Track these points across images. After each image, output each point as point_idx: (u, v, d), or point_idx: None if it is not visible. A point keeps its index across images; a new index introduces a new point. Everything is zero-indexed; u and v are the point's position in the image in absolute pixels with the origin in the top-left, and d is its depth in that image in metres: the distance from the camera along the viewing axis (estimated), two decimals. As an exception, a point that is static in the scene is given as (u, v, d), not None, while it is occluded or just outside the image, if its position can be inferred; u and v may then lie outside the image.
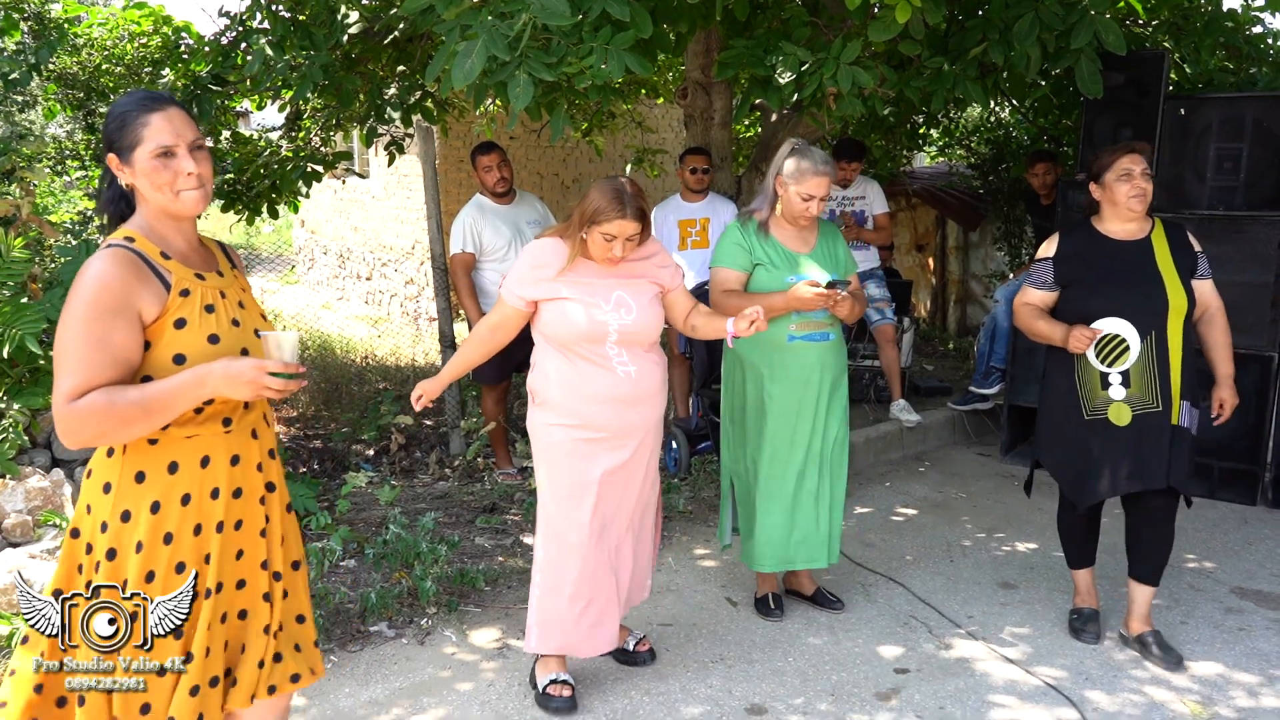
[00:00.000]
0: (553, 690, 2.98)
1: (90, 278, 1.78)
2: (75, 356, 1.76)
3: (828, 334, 3.36)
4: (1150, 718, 2.95)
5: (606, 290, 2.85)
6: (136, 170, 1.86)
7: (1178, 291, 3.12)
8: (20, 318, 3.94)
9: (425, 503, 4.72)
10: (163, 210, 1.90)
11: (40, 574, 3.27)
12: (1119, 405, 3.16)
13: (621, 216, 2.75)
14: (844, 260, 3.46)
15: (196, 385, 1.81)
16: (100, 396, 1.76)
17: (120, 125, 1.86)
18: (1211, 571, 4.02)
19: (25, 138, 6.67)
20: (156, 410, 1.79)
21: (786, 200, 3.31)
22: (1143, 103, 4.92)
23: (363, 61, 5.42)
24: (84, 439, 1.78)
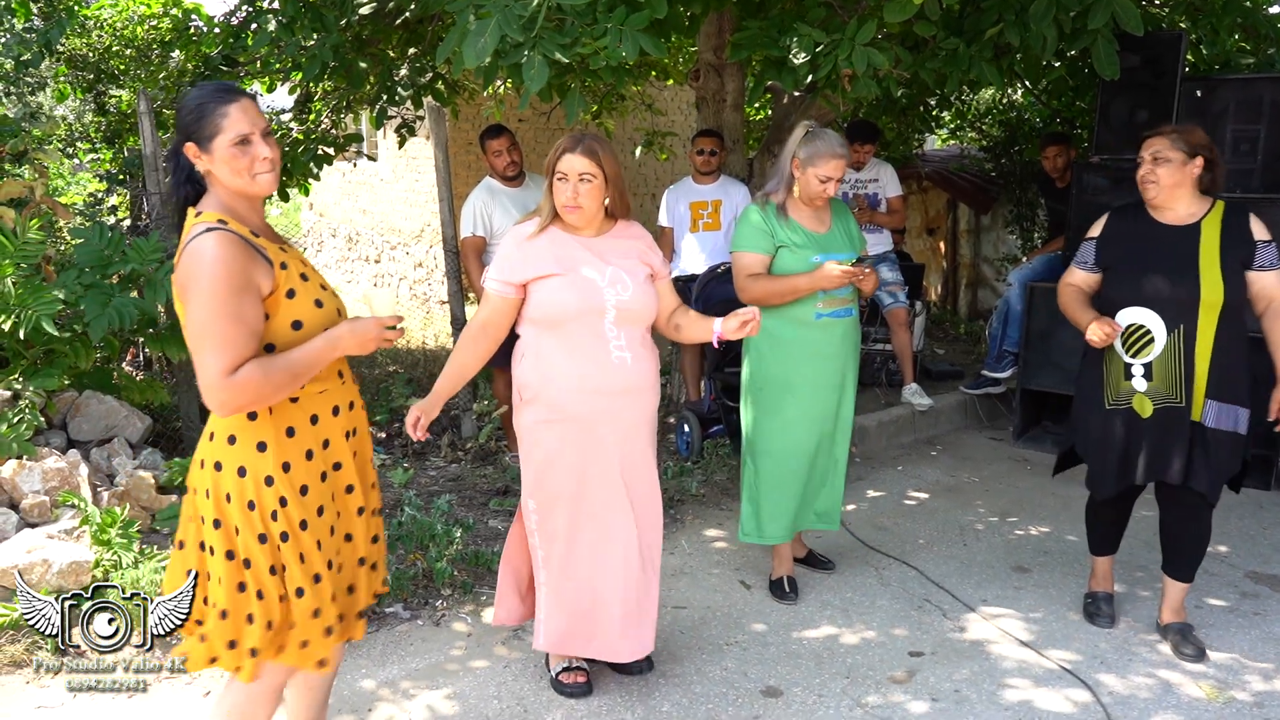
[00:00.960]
0: (565, 678, 2.98)
1: (212, 259, 1.90)
2: (220, 333, 1.89)
3: (850, 310, 3.45)
4: (1165, 701, 2.95)
5: (598, 265, 2.74)
6: (215, 157, 2.00)
7: (1214, 284, 2.96)
8: (36, 299, 3.95)
9: (438, 485, 4.73)
10: (240, 192, 2.04)
11: (58, 554, 3.28)
12: (1141, 397, 3.09)
13: (569, 151, 2.70)
14: (857, 238, 3.52)
15: (329, 347, 2.02)
16: (255, 368, 1.92)
17: (199, 116, 1.99)
18: (1226, 556, 4.01)
19: (36, 118, 6.66)
20: (303, 373, 2.00)
21: (804, 182, 3.32)
22: (1159, 84, 4.88)
23: (373, 43, 5.40)
24: (241, 407, 1.95)
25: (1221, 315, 2.99)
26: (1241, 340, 3.04)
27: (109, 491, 3.90)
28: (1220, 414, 3.06)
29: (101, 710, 2.88)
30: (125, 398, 4.57)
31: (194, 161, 2.02)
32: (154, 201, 4.92)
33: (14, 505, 3.76)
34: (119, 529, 3.44)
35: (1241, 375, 3.05)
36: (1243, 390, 3.06)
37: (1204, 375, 3.02)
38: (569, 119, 3.70)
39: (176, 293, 1.98)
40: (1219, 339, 3.00)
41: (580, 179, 2.71)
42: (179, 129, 2.03)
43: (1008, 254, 8.51)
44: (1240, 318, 3.03)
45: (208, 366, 1.90)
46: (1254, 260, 2.99)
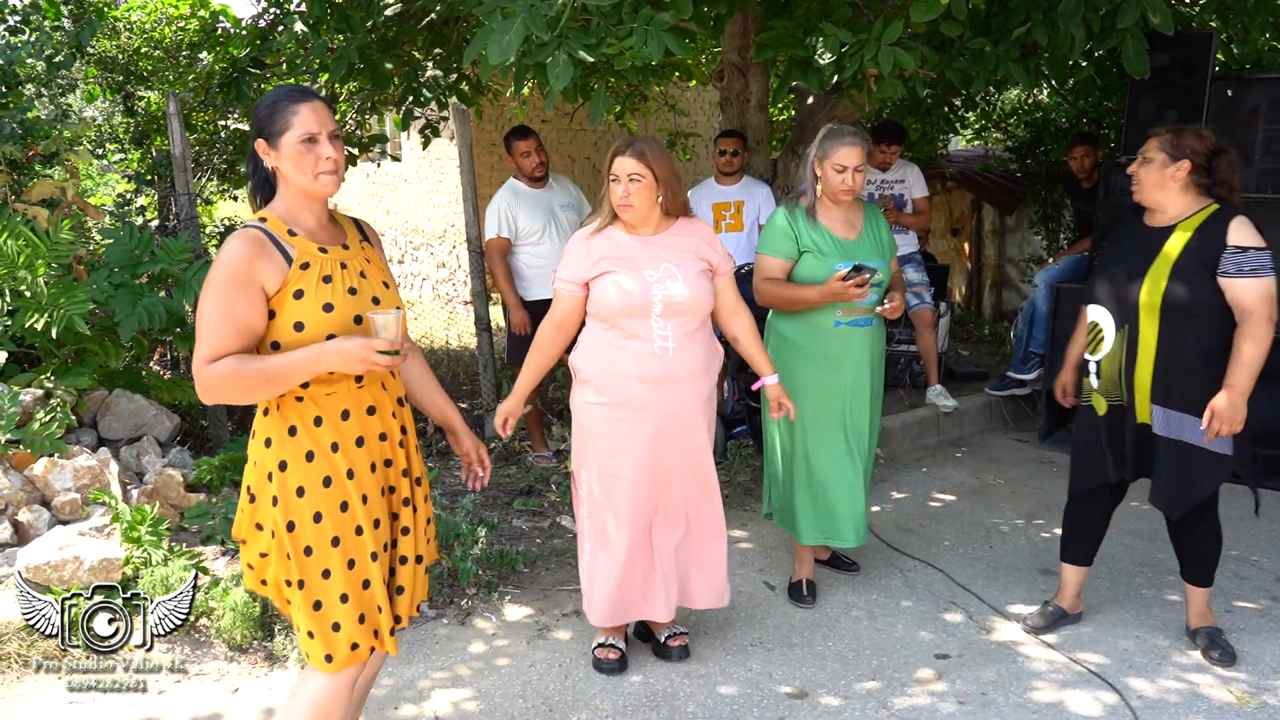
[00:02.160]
0: (600, 654, 3.13)
1: (222, 257, 2.00)
2: (209, 325, 1.98)
3: (870, 320, 3.39)
4: (1194, 706, 2.92)
5: (653, 261, 2.89)
6: (282, 154, 2.06)
7: (1155, 287, 2.92)
8: (68, 298, 4.00)
9: (462, 485, 4.75)
10: (301, 191, 2.10)
11: (90, 551, 3.32)
12: (1096, 394, 3.14)
13: (620, 154, 2.86)
14: (888, 245, 3.46)
15: (313, 362, 2.02)
16: (231, 363, 1.98)
17: (271, 113, 2.06)
18: (1256, 560, 3.96)
19: (66, 118, 6.75)
20: (276, 380, 2.01)
21: (825, 178, 3.30)
22: (1189, 83, 4.83)
23: (399, 44, 5.44)
24: (216, 398, 2.02)
25: (1164, 319, 2.93)
26: (1204, 348, 2.93)
27: (138, 489, 3.94)
28: (1169, 421, 2.98)
29: (129, 706, 2.91)
30: (154, 397, 4.62)
31: (263, 158, 2.09)
32: (182, 202, 4.96)
33: (46, 502, 3.81)
34: (149, 526, 3.47)
35: (1202, 385, 2.92)
36: (1203, 400, 2.91)
37: (1147, 378, 2.99)
38: (594, 119, 3.70)
39: None
40: (1163, 343, 2.95)
41: (630, 179, 2.86)
42: (253, 126, 2.11)
43: (1033, 255, 8.44)
44: (1202, 324, 2.92)
45: (196, 353, 2.00)
46: (1219, 266, 2.88)
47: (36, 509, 3.70)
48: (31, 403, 4.02)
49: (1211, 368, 2.93)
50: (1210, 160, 2.96)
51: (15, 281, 4.08)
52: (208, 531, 3.77)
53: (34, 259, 4.13)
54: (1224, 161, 2.97)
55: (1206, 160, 2.96)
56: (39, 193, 4.78)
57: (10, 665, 3.03)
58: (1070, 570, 3.39)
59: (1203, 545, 3.16)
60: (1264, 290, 2.85)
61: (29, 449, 3.83)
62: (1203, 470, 2.99)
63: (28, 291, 4.08)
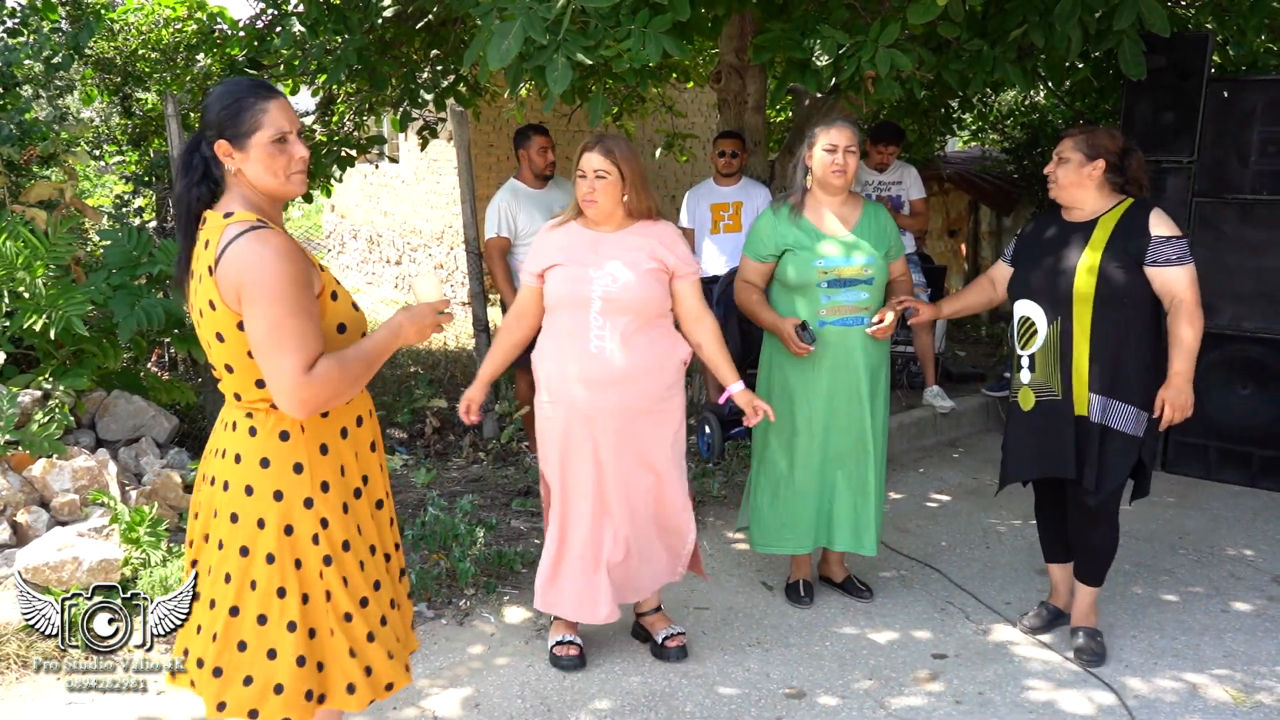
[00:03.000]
0: (559, 651, 3.13)
1: (274, 257, 1.81)
2: (294, 331, 1.81)
3: (862, 318, 3.27)
4: (1190, 705, 2.93)
5: (599, 260, 2.90)
6: (250, 156, 1.90)
7: (1087, 278, 2.98)
8: (66, 299, 4.00)
9: (460, 486, 4.76)
10: (270, 192, 1.94)
11: (88, 552, 3.32)
12: (1025, 389, 3.17)
13: (588, 150, 2.88)
14: (890, 237, 3.35)
15: (392, 336, 1.98)
16: (331, 362, 1.85)
17: (235, 113, 1.89)
18: (1252, 560, 3.98)
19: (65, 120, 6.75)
20: (375, 363, 1.94)
21: (816, 165, 3.25)
22: (1185, 85, 4.84)
23: (396, 45, 5.45)
24: (319, 404, 1.86)
25: (1096, 308, 2.99)
26: (1136, 336, 3.02)
27: (137, 490, 3.94)
28: (1106, 410, 3.03)
29: (129, 706, 2.91)
30: (152, 398, 4.63)
31: (224, 160, 1.91)
32: (180, 203, 4.96)
33: (44, 503, 3.81)
34: (147, 527, 3.48)
35: (1135, 373, 3.01)
36: (1135, 389, 3.01)
37: (1083, 368, 3.03)
38: (592, 121, 3.71)
39: (226, 295, 1.84)
40: (1097, 332, 3.00)
41: (596, 175, 2.88)
42: (208, 125, 1.91)
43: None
44: (1130, 313, 3.00)
45: (283, 367, 1.80)
46: (1146, 256, 2.97)
47: (35, 510, 3.71)
48: (30, 404, 4.02)
49: (1140, 358, 3.02)
50: (1122, 159, 3.07)
51: (14, 283, 4.09)
52: (206, 532, 3.77)
53: (32, 260, 4.14)
54: (1134, 160, 3.08)
55: (1119, 159, 3.06)
56: (37, 194, 4.79)
57: (9, 666, 3.03)
58: (1056, 569, 3.42)
59: (1102, 545, 3.18)
60: (1190, 276, 2.97)
61: (28, 450, 3.84)
62: (1120, 456, 3.04)
63: (26, 293, 4.09)
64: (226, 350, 1.89)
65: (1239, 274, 4.80)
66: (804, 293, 3.27)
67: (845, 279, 3.24)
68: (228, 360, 1.91)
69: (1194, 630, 3.39)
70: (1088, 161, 3.05)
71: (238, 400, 1.95)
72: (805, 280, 3.24)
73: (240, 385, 1.92)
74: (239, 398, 1.94)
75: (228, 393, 1.97)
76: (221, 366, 1.93)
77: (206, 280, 1.87)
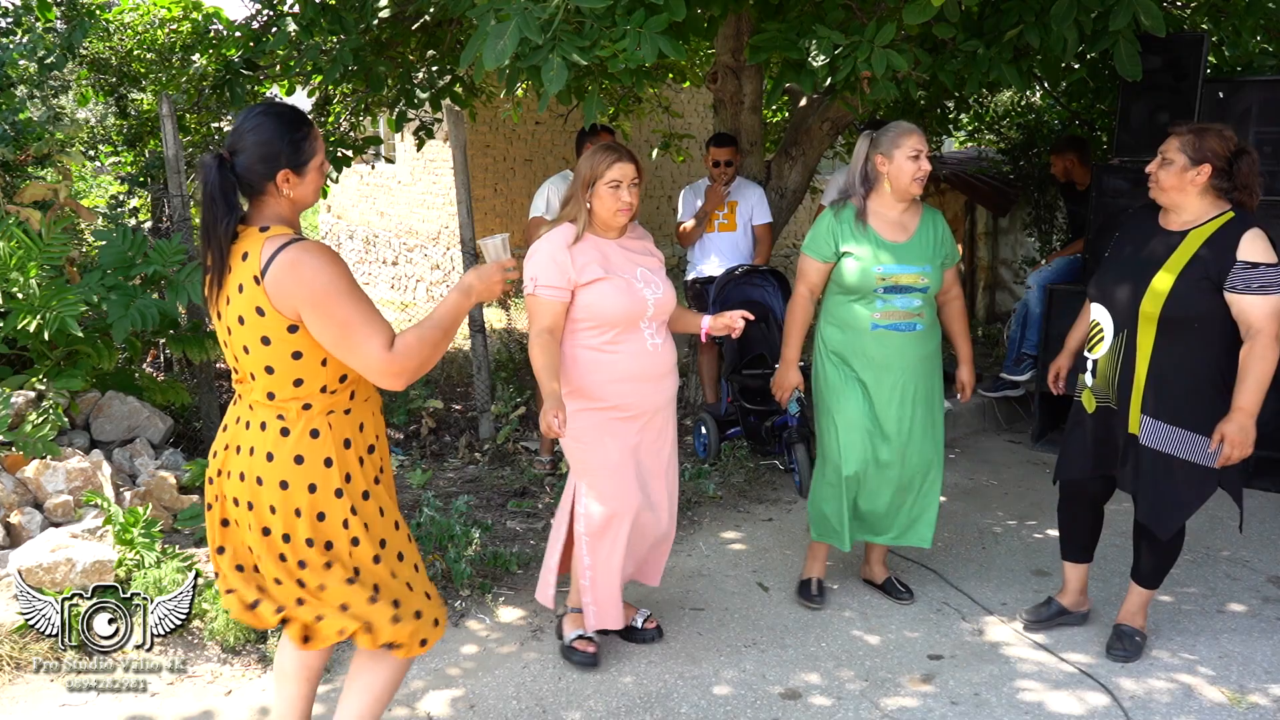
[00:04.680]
0: (580, 645, 3.14)
1: (328, 263, 2.00)
2: (366, 318, 2.01)
3: (914, 324, 3.31)
4: (1185, 706, 2.93)
5: (631, 267, 2.96)
6: (306, 181, 2.10)
7: (1156, 295, 2.86)
8: (60, 300, 3.99)
9: (456, 486, 4.75)
10: (302, 209, 2.15)
11: (82, 553, 3.31)
12: (1088, 391, 3.13)
13: (620, 160, 2.90)
14: (947, 244, 3.38)
15: (464, 297, 2.13)
16: (409, 336, 2.04)
17: (298, 144, 2.08)
18: (1248, 560, 3.98)
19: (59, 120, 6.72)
20: (451, 328, 2.10)
21: (897, 171, 3.23)
22: (1180, 86, 4.85)
23: (392, 46, 5.43)
24: (412, 374, 2.04)
25: (1162, 328, 2.88)
26: (1203, 361, 2.87)
27: (131, 491, 3.93)
28: (1157, 433, 2.92)
29: (122, 708, 2.90)
30: (147, 399, 4.61)
31: (281, 187, 2.06)
32: (175, 204, 4.96)
33: (38, 505, 3.80)
34: (141, 529, 3.46)
35: (1198, 398, 2.88)
36: (1199, 415, 2.87)
37: (1140, 387, 2.93)
38: (587, 121, 3.71)
39: (279, 302, 1.99)
40: (1159, 352, 2.89)
41: (632, 184, 2.92)
42: (267, 160, 2.04)
43: (1026, 256, 8.47)
44: (1200, 336, 2.86)
45: (369, 352, 1.99)
46: (1225, 280, 2.80)
47: (29, 511, 3.69)
48: (24, 405, 4.01)
49: (1205, 382, 2.88)
50: (1231, 164, 2.87)
51: (7, 283, 4.07)
52: (201, 534, 3.77)
53: (26, 261, 4.13)
54: (1245, 164, 2.87)
55: (1228, 164, 2.87)
56: (32, 195, 4.77)
57: (3, 668, 3.02)
58: (1069, 568, 3.40)
59: (1165, 550, 3.12)
60: (1272, 308, 2.77)
61: (21, 451, 3.83)
62: (1187, 486, 2.93)
63: (20, 293, 4.07)
64: (270, 352, 2.04)
65: (1235, 274, 4.79)
66: (860, 296, 3.30)
67: (902, 285, 3.27)
68: (269, 362, 2.05)
69: (1189, 631, 3.39)
70: (1192, 166, 2.87)
71: (270, 400, 2.08)
72: (864, 285, 3.27)
73: (277, 385, 2.07)
74: (272, 397, 2.08)
75: (259, 393, 2.09)
76: (260, 369, 2.06)
77: (251, 289, 2.01)
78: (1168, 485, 2.94)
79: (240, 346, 2.08)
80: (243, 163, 2.06)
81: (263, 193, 2.07)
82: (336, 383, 2.11)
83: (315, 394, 2.09)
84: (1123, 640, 3.21)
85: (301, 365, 2.05)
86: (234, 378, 2.19)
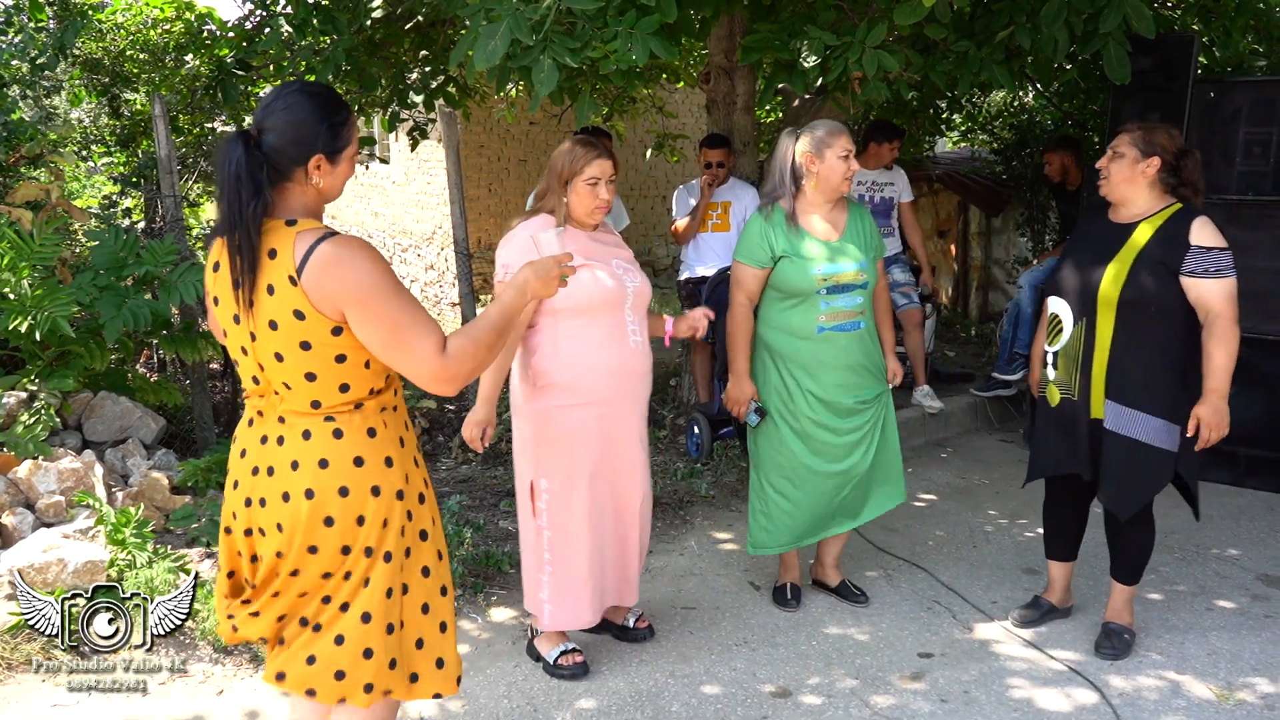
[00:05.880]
0: (564, 660, 3.08)
1: (371, 259, 1.85)
2: (417, 319, 1.86)
3: (858, 323, 3.28)
4: (1173, 703, 2.95)
5: (608, 257, 2.96)
6: (338, 170, 1.95)
7: (1114, 281, 2.94)
8: (53, 300, 3.99)
9: (449, 486, 4.76)
10: (328, 200, 1.99)
11: (74, 553, 3.31)
12: (1051, 385, 3.18)
13: (599, 156, 2.90)
14: (876, 238, 3.35)
15: (519, 294, 2.03)
16: (462, 338, 1.90)
17: (338, 129, 1.92)
18: (1237, 558, 4.00)
19: (52, 120, 6.73)
20: (506, 328, 1.98)
21: (826, 171, 3.18)
22: (1171, 87, 4.86)
23: (385, 46, 5.43)
24: (465, 378, 1.91)
25: (1120, 314, 2.95)
26: (1160, 345, 2.95)
27: (123, 492, 3.93)
28: (1120, 417, 2.98)
29: (114, 708, 2.91)
30: (139, 399, 4.61)
31: (312, 174, 1.90)
32: (168, 204, 4.96)
33: (30, 505, 3.80)
34: (133, 529, 3.47)
35: (1158, 383, 2.95)
36: (1158, 399, 2.95)
37: (1101, 373, 3.01)
38: (579, 121, 3.72)
39: (320, 304, 1.83)
40: (1119, 338, 2.97)
41: (609, 181, 2.94)
42: (301, 142, 1.88)
43: (1019, 256, 8.48)
44: (1157, 322, 2.94)
45: (422, 354, 1.85)
46: (1182, 266, 2.89)
47: (20, 512, 3.69)
48: (15, 405, 4.01)
49: (1164, 367, 2.96)
50: (1178, 160, 2.99)
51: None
52: (193, 534, 3.77)
53: (18, 261, 4.13)
54: (1190, 162, 3.00)
55: (1175, 159, 2.99)
56: (24, 195, 4.77)
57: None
58: (1054, 566, 3.42)
59: (1136, 544, 3.17)
60: (1228, 291, 2.88)
61: (13, 451, 3.83)
62: (1150, 468, 2.99)
63: (11, 294, 4.07)
64: (311, 358, 1.87)
65: (1225, 274, 4.81)
66: (803, 300, 3.22)
67: (843, 284, 3.23)
68: (310, 369, 1.88)
69: (1178, 629, 3.41)
70: (1142, 159, 2.98)
71: (315, 408, 1.91)
72: (805, 288, 3.20)
73: (322, 392, 1.91)
74: (317, 405, 1.91)
75: (298, 403, 1.91)
76: (298, 377, 1.89)
77: (287, 291, 1.83)
78: (1130, 469, 3.00)
79: (270, 354, 1.88)
80: (271, 142, 1.87)
81: (289, 179, 1.89)
82: (382, 382, 1.98)
83: (365, 395, 1.94)
84: (1111, 639, 3.23)
85: (346, 369, 1.90)
86: (251, 390, 1.99)
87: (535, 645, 3.18)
